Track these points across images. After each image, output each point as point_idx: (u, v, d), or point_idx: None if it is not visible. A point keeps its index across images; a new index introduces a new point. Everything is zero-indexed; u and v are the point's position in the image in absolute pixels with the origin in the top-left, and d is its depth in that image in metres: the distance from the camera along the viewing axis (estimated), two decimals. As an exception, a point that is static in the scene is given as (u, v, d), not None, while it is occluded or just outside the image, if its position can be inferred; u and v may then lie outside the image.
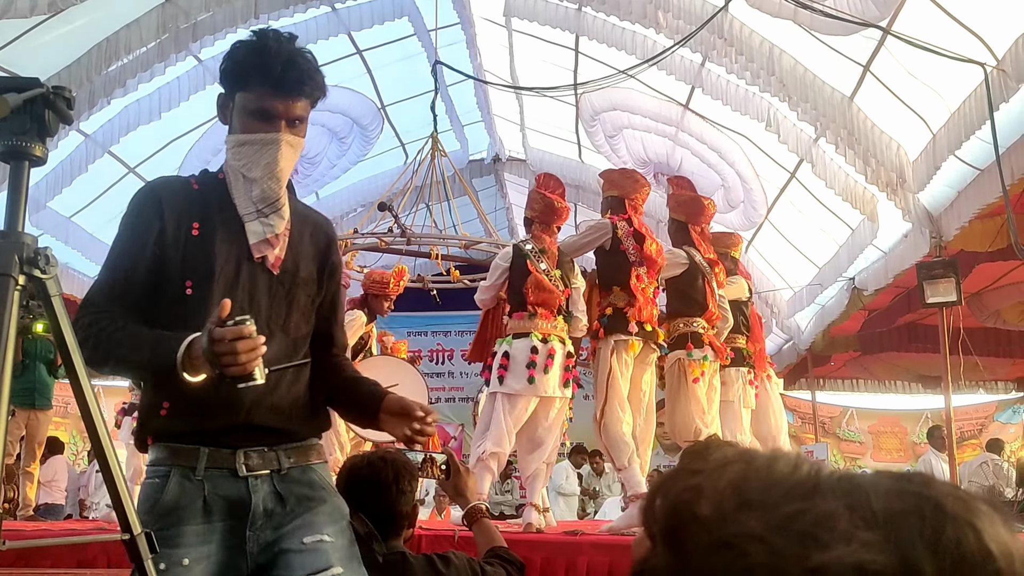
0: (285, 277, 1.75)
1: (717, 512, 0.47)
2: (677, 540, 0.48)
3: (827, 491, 0.47)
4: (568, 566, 3.36)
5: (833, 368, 11.53)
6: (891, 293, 7.85)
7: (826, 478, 0.48)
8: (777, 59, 5.74)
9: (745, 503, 0.47)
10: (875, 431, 13.08)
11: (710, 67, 6.50)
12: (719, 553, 0.46)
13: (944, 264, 5.88)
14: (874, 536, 0.43)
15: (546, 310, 4.55)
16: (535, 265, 4.60)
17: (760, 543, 0.44)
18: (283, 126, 1.75)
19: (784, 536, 0.44)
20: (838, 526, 0.44)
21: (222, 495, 1.65)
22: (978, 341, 7.95)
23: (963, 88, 4.92)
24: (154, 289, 1.68)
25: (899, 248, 6.61)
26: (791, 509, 0.46)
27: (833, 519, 0.45)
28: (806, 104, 5.80)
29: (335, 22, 7.35)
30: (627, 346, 4.62)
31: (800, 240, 8.24)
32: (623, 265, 4.72)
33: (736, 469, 0.49)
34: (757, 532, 0.45)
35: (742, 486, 0.48)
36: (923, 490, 0.47)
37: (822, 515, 0.45)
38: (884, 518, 0.45)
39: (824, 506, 0.45)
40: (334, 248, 1.90)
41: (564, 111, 8.67)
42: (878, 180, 5.79)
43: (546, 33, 7.40)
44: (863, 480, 0.48)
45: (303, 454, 1.76)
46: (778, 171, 7.50)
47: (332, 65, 7.91)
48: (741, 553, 0.45)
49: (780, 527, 0.45)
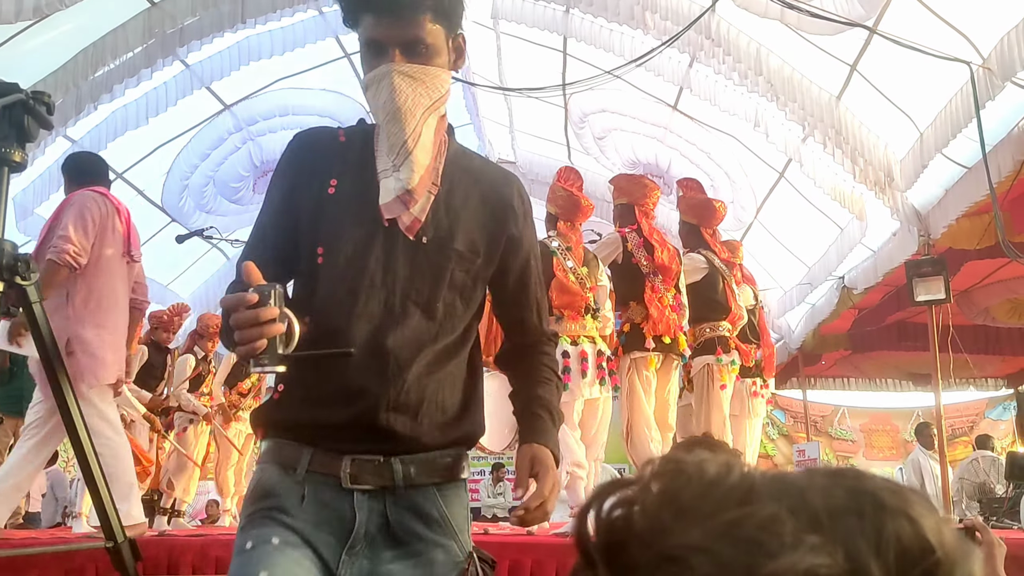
0: (432, 246, 1.42)
1: (655, 524, 0.46)
2: (616, 557, 0.47)
3: (764, 494, 0.46)
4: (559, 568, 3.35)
5: (824, 367, 11.56)
6: (881, 292, 7.88)
7: (759, 480, 0.47)
8: (764, 59, 5.75)
9: (681, 512, 0.46)
10: (867, 429, 13.13)
11: (698, 68, 6.51)
12: (662, 568, 0.44)
13: (933, 262, 5.91)
14: (819, 539, 0.43)
15: (572, 311, 4.50)
16: (562, 264, 4.55)
17: (704, 554, 0.43)
18: (396, 54, 1.45)
19: (728, 544, 0.43)
20: (783, 530, 0.43)
21: (325, 502, 1.36)
22: (968, 339, 7.99)
23: (949, 87, 4.93)
24: (288, 256, 1.43)
25: (888, 247, 6.63)
26: (731, 516, 0.45)
27: (776, 523, 0.44)
28: (794, 104, 5.81)
29: (323, 26, 7.33)
30: (646, 363, 4.62)
31: (790, 239, 8.26)
32: (637, 278, 4.70)
33: (668, 477, 0.48)
34: (699, 543, 0.44)
35: (676, 494, 0.47)
36: (858, 484, 0.47)
37: (764, 520, 0.44)
38: (826, 518, 0.44)
39: (764, 510, 0.45)
40: (516, 213, 1.54)
41: (553, 113, 8.67)
42: (866, 179, 5.81)
43: (534, 35, 7.40)
44: (797, 479, 0.47)
45: (430, 468, 1.40)
46: (767, 171, 7.52)
47: (320, 68, 7.91)
48: (686, 567, 0.43)
49: (722, 535, 0.44)
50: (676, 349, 4.69)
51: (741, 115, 6.54)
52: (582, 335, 4.49)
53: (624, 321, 4.71)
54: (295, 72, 8.00)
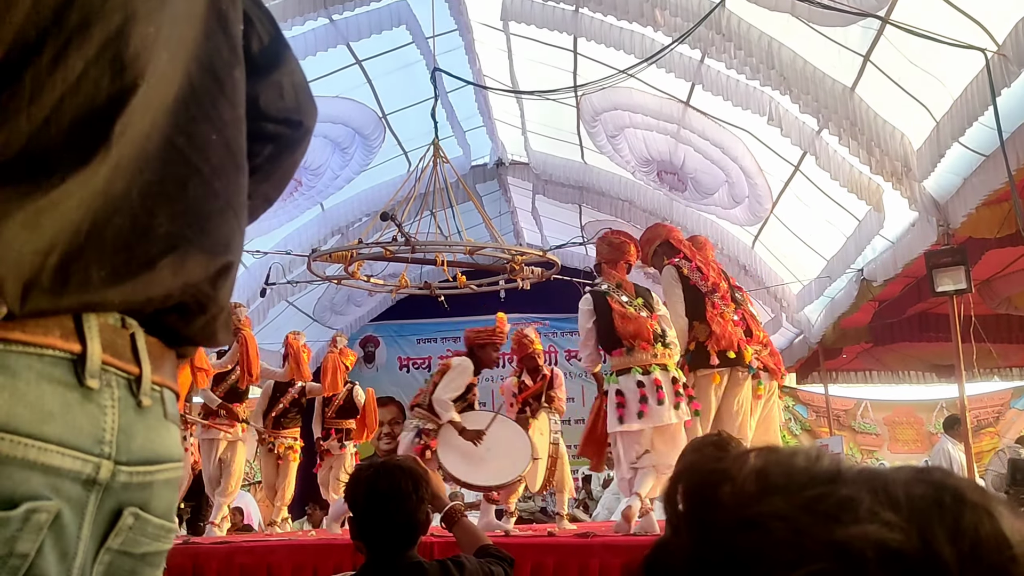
0: None
1: (740, 495, 0.49)
2: (699, 521, 0.50)
3: (848, 479, 0.48)
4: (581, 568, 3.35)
5: (845, 361, 11.48)
6: (900, 283, 7.81)
7: (846, 468, 0.50)
8: (776, 52, 5.72)
9: (768, 487, 0.48)
10: (891, 422, 13.00)
11: (710, 63, 6.48)
12: (743, 532, 0.47)
13: (953, 252, 5.85)
14: (896, 518, 0.45)
15: (642, 341, 4.73)
16: (616, 300, 4.84)
17: (784, 521, 0.46)
18: None
19: (807, 514, 0.46)
20: (861, 507, 0.46)
21: None
22: (990, 328, 7.90)
23: (964, 74, 4.89)
24: None
25: (907, 238, 6.58)
26: (814, 493, 0.47)
27: (856, 502, 0.46)
28: (807, 96, 5.78)
29: (333, 33, 7.36)
30: (710, 379, 4.89)
31: (807, 233, 8.21)
32: (698, 300, 5.00)
33: (757, 458, 0.51)
34: (782, 511, 0.46)
35: (764, 472, 0.49)
36: (943, 479, 0.48)
37: (845, 498, 0.46)
38: (905, 503, 0.46)
39: (846, 491, 0.47)
40: None
41: (565, 113, 8.66)
42: (883, 170, 5.76)
43: (544, 36, 7.40)
44: (883, 470, 0.50)
45: None
46: (782, 165, 7.47)
47: (332, 76, 7.94)
48: (765, 531, 0.46)
49: (803, 507, 0.46)
50: (741, 362, 4.93)
51: (755, 109, 6.50)
52: (653, 363, 4.72)
53: (690, 340, 4.97)
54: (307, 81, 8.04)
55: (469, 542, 2.45)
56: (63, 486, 0.77)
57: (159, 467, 0.90)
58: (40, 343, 0.77)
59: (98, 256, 0.81)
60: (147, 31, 0.83)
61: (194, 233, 0.90)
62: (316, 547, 4.39)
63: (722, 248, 8.99)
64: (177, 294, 0.88)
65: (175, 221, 0.88)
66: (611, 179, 9.58)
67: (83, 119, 0.79)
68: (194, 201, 0.91)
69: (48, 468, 0.76)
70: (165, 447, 0.91)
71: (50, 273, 0.77)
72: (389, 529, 2.16)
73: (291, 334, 7.08)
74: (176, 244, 0.87)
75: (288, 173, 1.16)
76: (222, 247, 0.94)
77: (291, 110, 1.12)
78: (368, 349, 13.75)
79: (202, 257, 0.90)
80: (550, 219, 11.62)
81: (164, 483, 0.91)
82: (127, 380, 0.86)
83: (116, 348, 0.85)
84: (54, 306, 0.78)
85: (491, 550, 2.38)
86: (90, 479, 0.80)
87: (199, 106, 0.92)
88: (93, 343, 0.81)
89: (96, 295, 0.81)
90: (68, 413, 0.78)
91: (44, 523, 0.75)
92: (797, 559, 0.44)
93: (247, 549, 4.32)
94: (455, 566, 2.20)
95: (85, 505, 0.80)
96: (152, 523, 0.90)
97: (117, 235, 0.82)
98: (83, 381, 0.80)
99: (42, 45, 0.76)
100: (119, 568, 0.87)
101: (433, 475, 2.47)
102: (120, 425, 0.83)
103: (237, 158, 0.99)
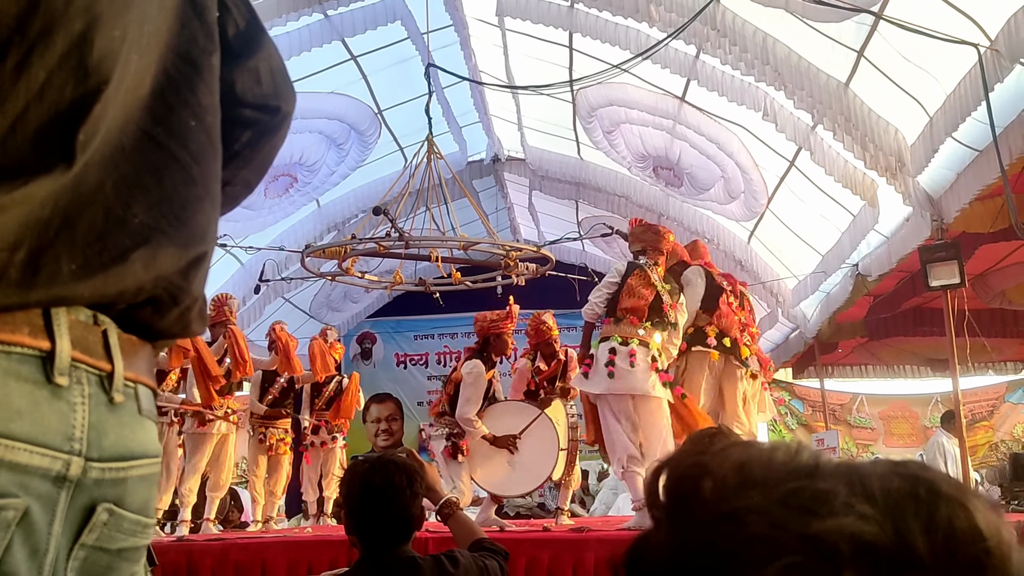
0: None
1: (720, 489, 0.49)
2: (679, 515, 0.51)
3: (826, 473, 0.49)
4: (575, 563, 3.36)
5: (841, 355, 11.50)
6: (895, 278, 7.83)
7: (825, 462, 0.50)
8: (771, 48, 5.73)
9: (747, 481, 0.49)
10: (886, 416, 13.04)
11: (705, 59, 6.49)
12: (720, 525, 0.47)
13: (946, 247, 5.86)
14: (872, 510, 0.45)
15: (632, 316, 4.87)
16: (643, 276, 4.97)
17: (760, 515, 0.46)
18: None
19: (785, 509, 0.47)
20: (837, 500, 0.46)
21: None
22: (984, 322, 7.93)
23: (958, 70, 4.89)
24: None
25: (901, 232, 6.59)
26: (792, 486, 0.48)
27: (832, 495, 0.47)
28: (802, 92, 5.78)
29: (328, 29, 7.36)
30: (706, 356, 5.19)
31: (802, 228, 8.22)
32: (716, 294, 5.39)
33: (738, 452, 0.52)
34: (758, 505, 0.47)
35: (744, 467, 0.50)
36: (918, 472, 0.49)
37: (821, 491, 0.47)
38: (881, 496, 0.46)
39: (823, 484, 0.47)
40: None
41: (561, 109, 8.66)
42: (877, 165, 5.77)
43: (540, 31, 7.40)
44: (861, 464, 0.50)
45: None
46: (777, 160, 7.48)
47: (327, 72, 7.93)
48: (742, 525, 0.47)
49: (779, 501, 0.47)
50: (737, 353, 5.18)
51: (750, 104, 6.51)
52: (635, 337, 4.80)
53: (689, 326, 5.21)
54: (302, 76, 8.04)
55: (464, 536, 2.45)
56: (32, 483, 0.77)
57: (133, 463, 0.90)
58: (7, 340, 0.77)
59: (69, 249, 0.81)
60: (112, 35, 0.83)
61: (169, 224, 0.90)
62: (311, 543, 4.40)
63: (718, 243, 9.01)
64: (149, 287, 0.88)
65: (150, 212, 0.88)
66: (607, 175, 9.59)
67: (48, 126, 0.79)
68: (171, 190, 0.91)
69: (15, 466, 0.76)
70: (139, 443, 0.92)
71: (18, 267, 0.77)
72: (383, 524, 2.17)
73: (277, 324, 7.03)
74: (149, 237, 0.87)
75: (268, 158, 1.16)
76: (198, 237, 0.94)
77: (268, 96, 1.11)
78: (365, 346, 13.75)
79: (174, 250, 0.90)
80: (547, 215, 11.63)
81: (139, 479, 0.91)
82: (99, 377, 0.86)
83: (87, 345, 0.85)
84: (23, 300, 0.78)
85: (485, 543, 2.39)
86: (60, 476, 0.80)
87: (177, 94, 0.93)
88: (62, 340, 0.81)
89: (66, 289, 0.81)
90: (36, 411, 0.78)
91: (12, 520, 0.75)
92: (773, 552, 0.45)
93: (241, 546, 4.33)
94: (449, 561, 2.20)
95: (56, 502, 0.80)
96: (127, 519, 0.90)
97: (90, 228, 0.82)
98: (52, 378, 0.80)
99: (4, 54, 0.76)
100: (95, 564, 0.87)
101: (429, 468, 2.47)
102: (91, 422, 0.84)
103: (215, 144, 0.99)
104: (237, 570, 3.92)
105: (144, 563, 0.97)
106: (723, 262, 9.36)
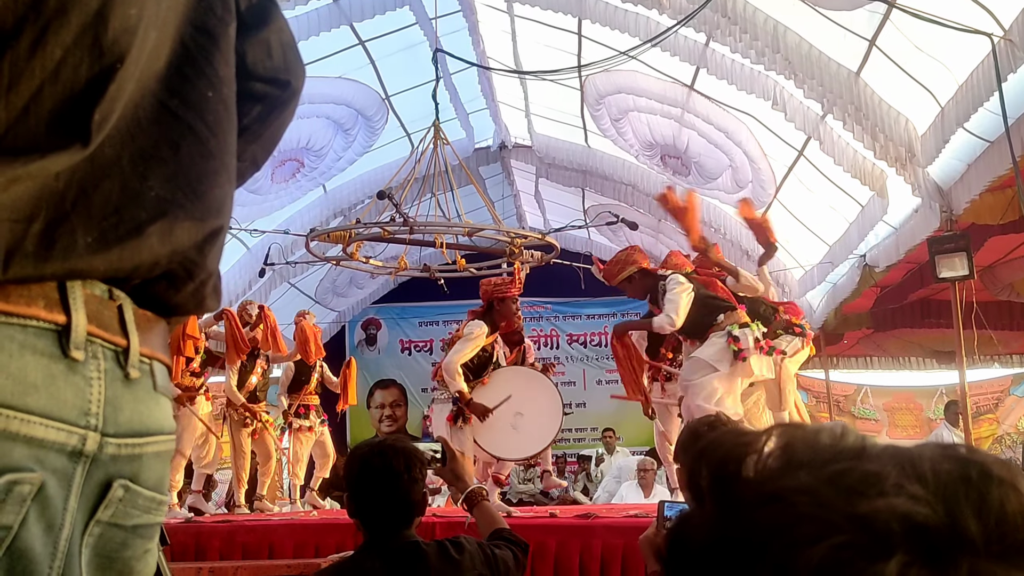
0: None
1: (764, 470, 0.49)
2: (722, 496, 0.50)
3: (873, 455, 0.48)
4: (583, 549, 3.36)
5: (846, 346, 11.49)
6: (903, 269, 7.80)
7: (871, 444, 0.50)
8: (782, 36, 5.69)
9: (792, 463, 0.49)
10: (890, 408, 13.04)
11: (714, 47, 6.45)
12: (766, 506, 0.47)
13: (955, 238, 5.83)
14: (923, 491, 0.45)
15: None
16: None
17: (807, 495, 0.46)
18: None
19: (832, 489, 0.46)
20: (887, 481, 0.46)
21: None
22: (992, 315, 7.90)
23: (970, 60, 4.86)
24: None
25: (909, 223, 6.56)
26: (839, 467, 0.47)
27: (881, 476, 0.46)
28: (812, 81, 5.75)
29: (336, 14, 7.33)
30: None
31: (810, 218, 8.20)
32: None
33: (782, 434, 0.51)
34: (805, 485, 0.46)
35: (788, 448, 0.50)
36: (968, 455, 0.48)
37: (870, 473, 0.46)
38: (932, 478, 0.46)
39: (872, 466, 0.47)
40: None
41: (569, 96, 8.63)
42: (887, 155, 5.75)
43: (548, 17, 7.36)
44: (909, 448, 0.50)
45: None
46: (786, 149, 7.45)
47: (335, 57, 7.91)
48: (788, 504, 0.46)
49: (828, 481, 0.46)
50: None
51: (759, 93, 6.48)
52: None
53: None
54: (310, 61, 8.01)
55: (486, 525, 2.46)
56: (47, 458, 0.77)
57: (148, 439, 0.89)
58: (23, 313, 0.76)
59: (85, 222, 0.80)
60: (128, 12, 0.82)
61: (186, 197, 0.89)
62: (318, 526, 4.42)
63: (725, 233, 8.98)
64: (164, 262, 0.87)
65: (167, 184, 0.87)
66: (614, 163, 9.56)
67: (63, 107, 0.78)
68: (187, 162, 0.90)
69: (31, 440, 0.75)
70: (155, 419, 0.91)
71: (34, 239, 0.76)
72: (382, 507, 2.17)
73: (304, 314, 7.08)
74: (166, 210, 0.86)
75: (277, 134, 1.15)
76: (214, 211, 0.93)
77: (279, 69, 1.09)
78: (370, 332, 13.77)
79: (191, 223, 0.89)
80: (553, 203, 11.60)
81: (154, 455, 0.90)
82: (114, 352, 0.85)
83: (102, 319, 0.84)
84: (38, 272, 0.77)
85: (505, 534, 2.39)
86: (76, 451, 0.79)
87: (194, 65, 0.92)
88: (78, 314, 0.80)
89: (81, 262, 0.79)
90: (52, 385, 0.77)
91: (28, 495, 0.75)
92: (821, 532, 0.44)
93: (249, 528, 4.34)
94: (454, 547, 2.21)
95: (72, 477, 0.80)
96: (143, 495, 0.89)
97: (106, 200, 0.81)
98: (68, 352, 0.79)
99: (20, 32, 0.75)
100: (110, 540, 0.87)
101: (462, 458, 2.49)
102: (107, 397, 0.83)
103: (232, 115, 0.98)
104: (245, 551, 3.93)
105: (157, 541, 0.96)
106: (730, 251, 9.34)
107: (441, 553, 2.18)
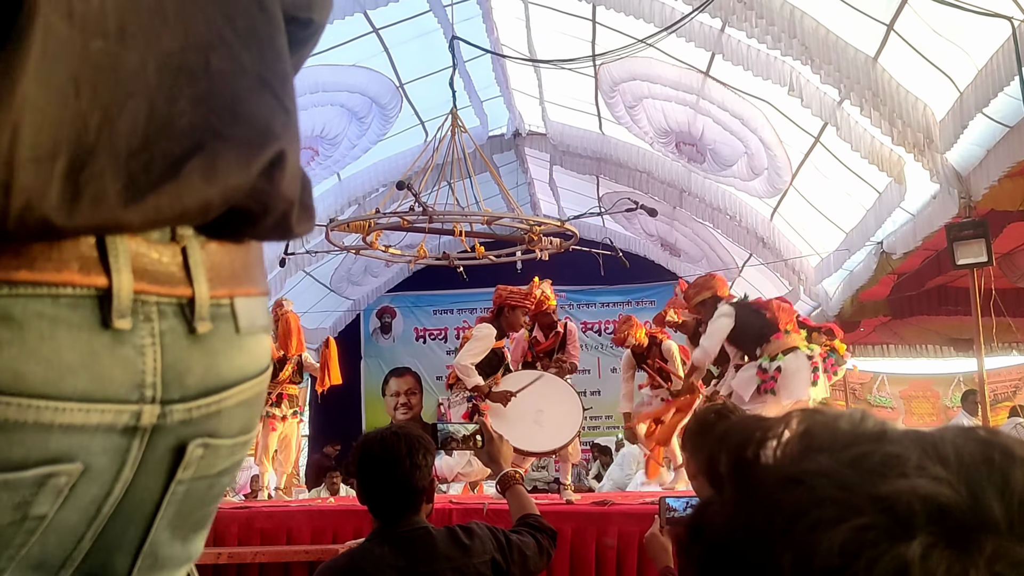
0: None
1: (784, 454, 0.49)
2: (742, 481, 0.50)
3: (894, 438, 0.48)
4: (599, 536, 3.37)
5: (863, 334, 11.42)
6: (920, 256, 7.75)
7: (891, 428, 0.50)
8: (798, 21, 5.64)
9: (812, 446, 0.49)
10: (907, 396, 12.97)
11: (730, 32, 6.41)
12: (787, 489, 0.47)
13: (974, 225, 5.78)
14: (945, 473, 0.45)
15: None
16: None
17: (827, 477, 0.46)
18: None
19: (854, 471, 0.46)
20: (909, 463, 0.46)
21: None
22: (1010, 302, 7.83)
23: (990, 44, 4.81)
24: None
25: (927, 210, 6.52)
26: (860, 450, 0.47)
27: (903, 458, 0.46)
28: (829, 66, 5.70)
29: (350, 1, 7.32)
30: None
31: (826, 205, 8.15)
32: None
33: (802, 419, 0.51)
34: (826, 468, 0.47)
35: (808, 433, 0.50)
36: (990, 437, 0.48)
37: (892, 455, 0.46)
38: (955, 459, 0.46)
39: (893, 448, 0.47)
40: None
41: (583, 83, 8.60)
42: (904, 141, 5.70)
43: (562, 4, 7.33)
44: (929, 431, 0.50)
45: None
46: (802, 136, 7.41)
47: (348, 44, 7.90)
48: (809, 487, 0.46)
49: (849, 464, 0.47)
50: None
51: (775, 79, 6.43)
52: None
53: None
54: (323, 49, 8.01)
55: (517, 508, 2.47)
56: (91, 443, 0.67)
57: (227, 393, 0.77)
58: (53, 281, 0.63)
59: (113, 161, 0.64)
60: None
61: (222, 122, 0.71)
62: (336, 513, 4.45)
63: (740, 220, 8.94)
64: (219, 203, 0.71)
65: (198, 107, 0.70)
66: (629, 150, 9.53)
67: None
68: (219, 78, 0.73)
69: (70, 427, 0.65)
70: (237, 368, 0.78)
71: (60, 181, 0.61)
72: (385, 493, 2.19)
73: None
74: (203, 141, 0.69)
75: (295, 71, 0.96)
76: (261, 134, 0.75)
77: (301, 6, 0.91)
78: (384, 320, 13.81)
79: (237, 153, 0.72)
80: (567, 190, 11.58)
81: (237, 406, 0.79)
82: (177, 306, 0.72)
83: (157, 272, 0.70)
84: (68, 224, 0.62)
85: (531, 520, 2.40)
86: (129, 428, 0.69)
87: None
88: (120, 274, 0.67)
89: (112, 215, 0.64)
90: (94, 363, 0.66)
91: (64, 486, 0.66)
92: (843, 514, 0.44)
93: (267, 514, 4.38)
94: (464, 533, 2.22)
95: (127, 451, 0.70)
96: (225, 446, 0.80)
97: (132, 128, 0.65)
98: (110, 323, 0.66)
99: None
100: (195, 491, 0.79)
101: (500, 442, 2.52)
102: (166, 363, 0.71)
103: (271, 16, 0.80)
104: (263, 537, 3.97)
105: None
106: (745, 239, 9.30)
107: (451, 538, 2.19)
